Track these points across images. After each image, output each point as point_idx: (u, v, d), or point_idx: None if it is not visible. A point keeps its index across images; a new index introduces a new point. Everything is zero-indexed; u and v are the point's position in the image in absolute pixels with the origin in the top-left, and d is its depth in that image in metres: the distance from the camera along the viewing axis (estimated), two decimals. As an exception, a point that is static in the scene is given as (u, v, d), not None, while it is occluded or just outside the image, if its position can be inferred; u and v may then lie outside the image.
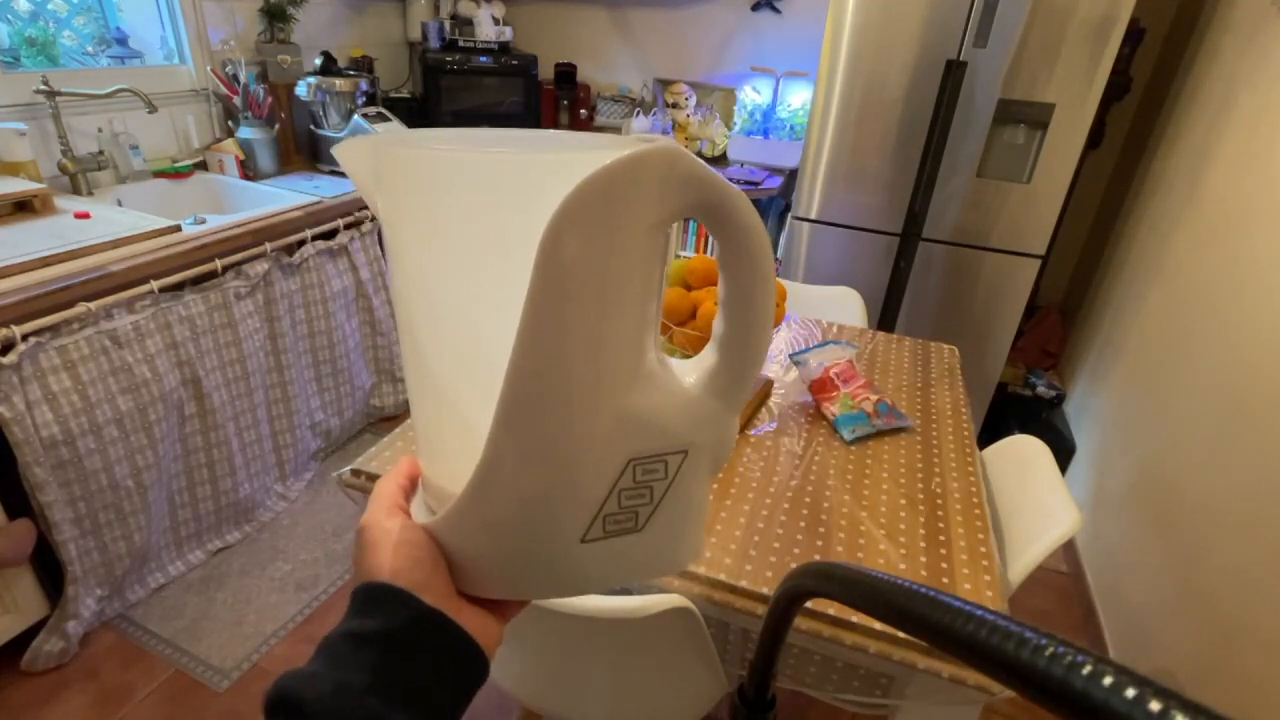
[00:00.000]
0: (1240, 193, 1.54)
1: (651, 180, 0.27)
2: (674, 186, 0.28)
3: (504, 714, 1.45)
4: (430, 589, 0.31)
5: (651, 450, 0.31)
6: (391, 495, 0.36)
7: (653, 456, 0.31)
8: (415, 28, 2.77)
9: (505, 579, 0.33)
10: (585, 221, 0.26)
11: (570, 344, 0.28)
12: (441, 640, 0.31)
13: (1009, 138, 1.95)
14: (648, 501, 0.32)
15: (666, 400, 0.31)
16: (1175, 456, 1.54)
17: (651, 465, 0.31)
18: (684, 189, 0.28)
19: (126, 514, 1.50)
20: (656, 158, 0.26)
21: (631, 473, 0.31)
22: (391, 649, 0.29)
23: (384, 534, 0.33)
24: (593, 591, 0.34)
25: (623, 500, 0.31)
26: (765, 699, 0.44)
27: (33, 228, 1.49)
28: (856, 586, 0.29)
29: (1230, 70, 1.77)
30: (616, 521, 0.32)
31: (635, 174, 0.26)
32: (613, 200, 0.26)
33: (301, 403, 1.96)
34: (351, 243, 1.98)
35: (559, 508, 0.30)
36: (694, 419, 0.32)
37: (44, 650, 1.45)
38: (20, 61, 1.80)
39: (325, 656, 0.29)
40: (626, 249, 0.28)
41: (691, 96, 2.75)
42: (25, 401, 1.27)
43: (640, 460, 0.31)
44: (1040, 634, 0.16)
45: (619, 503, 0.31)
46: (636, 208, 0.27)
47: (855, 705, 0.91)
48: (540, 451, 0.29)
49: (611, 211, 0.26)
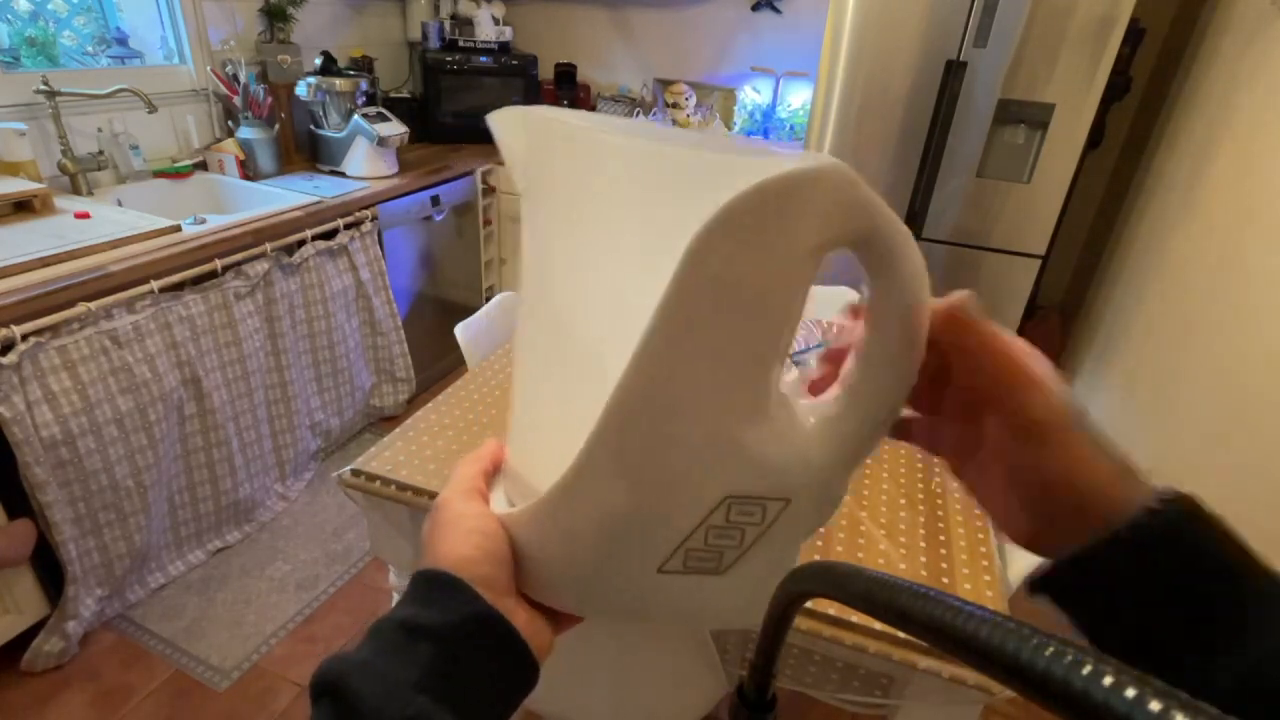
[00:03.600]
0: (1240, 193, 1.54)
1: (822, 200, 0.24)
2: (843, 211, 0.25)
3: (504, 714, 1.45)
4: (493, 585, 0.30)
5: (752, 491, 0.28)
6: (472, 478, 0.34)
7: (751, 498, 0.28)
8: (415, 28, 2.77)
9: (571, 591, 0.31)
10: (742, 234, 0.23)
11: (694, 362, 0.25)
12: (497, 643, 0.29)
13: (1009, 138, 1.95)
14: (736, 545, 0.30)
15: (779, 442, 0.28)
16: (1175, 456, 1.54)
17: (748, 507, 0.29)
18: (852, 216, 0.25)
19: (126, 514, 1.50)
20: (834, 176, 0.24)
21: (725, 510, 0.28)
22: (446, 645, 0.28)
23: (457, 518, 0.32)
24: (657, 623, 0.32)
25: (710, 538, 0.29)
26: (765, 699, 0.44)
27: (33, 228, 1.49)
28: (856, 586, 0.29)
29: (1230, 70, 1.77)
30: (699, 558, 0.29)
31: (808, 189, 0.24)
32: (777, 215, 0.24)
33: (301, 403, 1.96)
34: (351, 243, 1.98)
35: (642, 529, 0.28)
36: (804, 468, 0.29)
37: (44, 650, 1.45)
38: (20, 61, 1.80)
39: (377, 644, 0.28)
40: (777, 272, 0.25)
41: (691, 96, 2.75)
42: (25, 401, 1.27)
43: (738, 499, 0.28)
44: (1040, 633, 0.16)
45: (705, 539, 0.29)
46: (799, 228, 0.24)
47: (855, 705, 0.91)
48: (635, 467, 0.27)
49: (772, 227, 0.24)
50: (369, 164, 2.17)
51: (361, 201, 2.01)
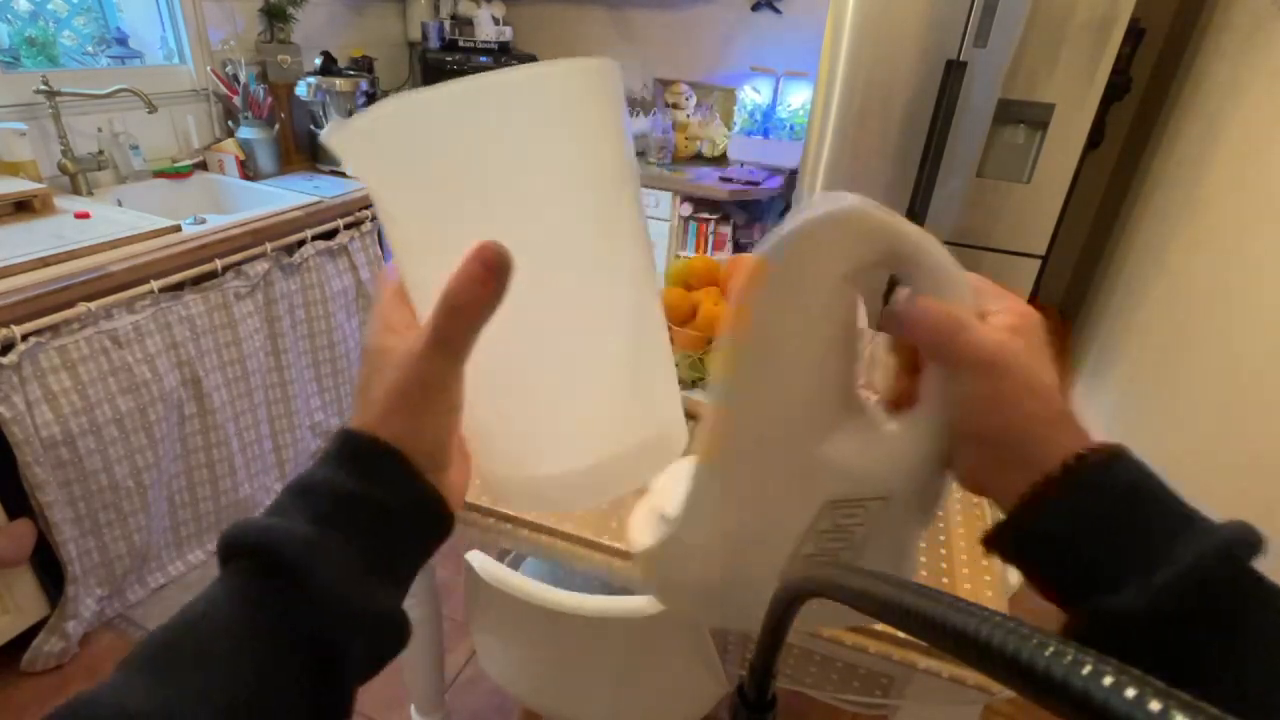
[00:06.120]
0: (1240, 192, 1.54)
1: (839, 236, 0.28)
2: (862, 240, 0.28)
3: (504, 714, 1.45)
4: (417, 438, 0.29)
5: (849, 495, 0.31)
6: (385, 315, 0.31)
7: (850, 501, 0.31)
8: (415, 28, 2.77)
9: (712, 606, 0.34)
10: (776, 281, 0.27)
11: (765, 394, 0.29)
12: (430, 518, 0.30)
13: (1009, 138, 1.96)
14: (847, 545, 0.32)
15: (863, 447, 0.31)
16: (1174, 455, 1.54)
17: (850, 510, 0.31)
18: (872, 241, 0.29)
19: (126, 514, 1.50)
20: (843, 215, 0.28)
21: (830, 515, 0.31)
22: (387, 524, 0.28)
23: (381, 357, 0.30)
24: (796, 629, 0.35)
25: (822, 541, 0.32)
26: (765, 699, 0.44)
27: (33, 228, 1.49)
28: (857, 586, 0.29)
29: (1230, 70, 1.77)
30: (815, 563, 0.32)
31: (821, 233, 0.28)
32: (801, 258, 0.27)
33: (301, 403, 1.96)
34: (351, 243, 1.98)
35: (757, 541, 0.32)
36: (894, 466, 0.31)
37: (44, 650, 1.45)
38: (20, 61, 1.80)
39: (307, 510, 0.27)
40: (818, 302, 0.29)
41: (691, 96, 2.75)
42: (25, 401, 1.27)
43: (838, 504, 0.31)
44: (1040, 633, 0.16)
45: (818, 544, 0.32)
46: (825, 263, 0.28)
47: (855, 705, 0.91)
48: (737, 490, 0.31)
49: (801, 268, 0.28)
50: (369, 164, 2.17)
51: (362, 201, 2.01)
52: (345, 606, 0.26)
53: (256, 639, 0.24)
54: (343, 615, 0.26)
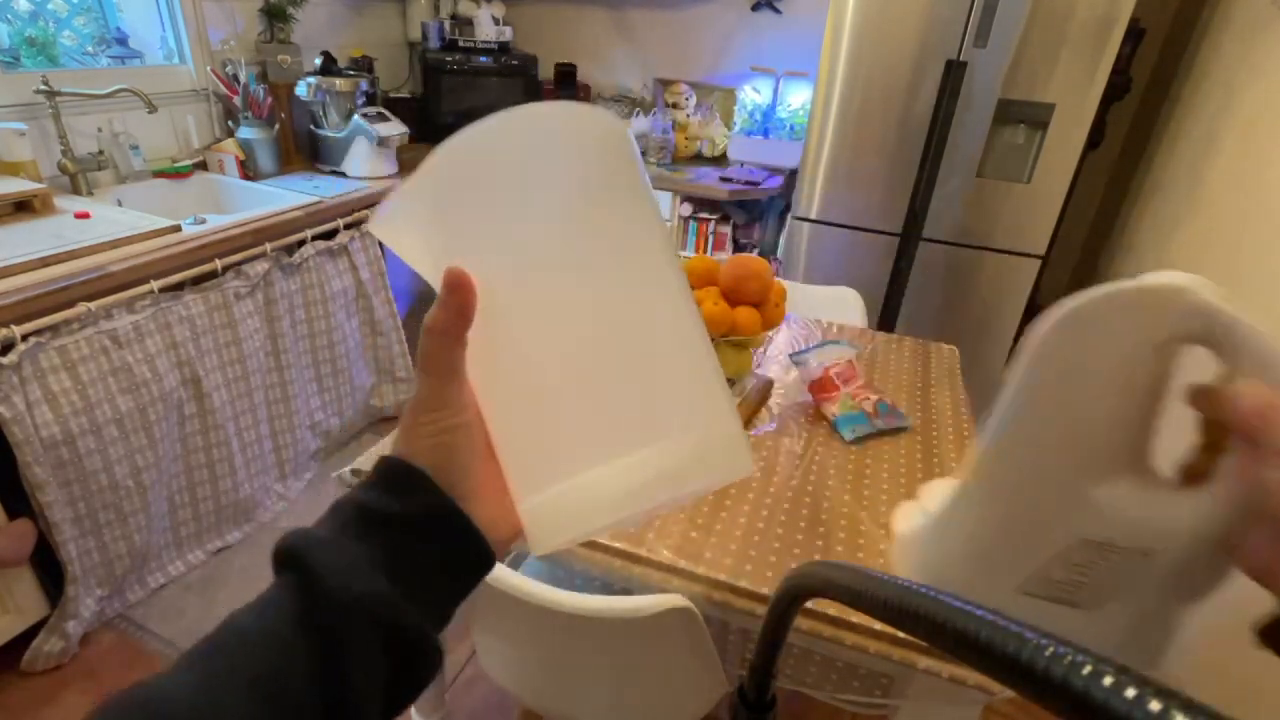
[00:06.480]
0: (1240, 193, 1.54)
1: (1152, 305, 0.29)
2: (1177, 315, 0.29)
3: (504, 714, 1.45)
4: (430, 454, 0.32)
5: (1105, 538, 0.32)
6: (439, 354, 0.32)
7: (1104, 544, 0.32)
8: (415, 28, 2.77)
9: None
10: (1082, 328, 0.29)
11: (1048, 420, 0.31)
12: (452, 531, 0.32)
13: (1009, 138, 1.95)
14: (1089, 582, 0.33)
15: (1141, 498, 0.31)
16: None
17: (1106, 553, 0.32)
18: (1187, 319, 0.29)
19: (126, 514, 1.50)
20: (1159, 289, 0.29)
21: (1084, 550, 0.32)
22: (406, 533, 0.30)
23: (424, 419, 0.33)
24: None
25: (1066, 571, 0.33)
26: (765, 699, 0.44)
27: (33, 228, 1.49)
28: (856, 586, 0.29)
29: (1230, 70, 1.77)
30: (1058, 588, 0.33)
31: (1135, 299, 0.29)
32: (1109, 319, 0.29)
33: (301, 403, 1.96)
34: (351, 243, 1.98)
35: (1006, 549, 0.33)
36: (1165, 525, 0.31)
37: (44, 650, 1.45)
38: (20, 61, 1.80)
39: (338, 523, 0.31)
40: (1118, 361, 0.30)
41: (691, 96, 2.75)
42: (25, 401, 1.27)
43: (1092, 543, 0.32)
44: (1040, 633, 0.16)
45: (1062, 571, 0.33)
46: (1134, 328, 0.29)
47: (855, 705, 0.91)
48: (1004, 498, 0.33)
49: (1108, 327, 0.29)
50: (369, 164, 2.17)
51: (362, 201, 2.01)
52: (345, 594, 0.28)
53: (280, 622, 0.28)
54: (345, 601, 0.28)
